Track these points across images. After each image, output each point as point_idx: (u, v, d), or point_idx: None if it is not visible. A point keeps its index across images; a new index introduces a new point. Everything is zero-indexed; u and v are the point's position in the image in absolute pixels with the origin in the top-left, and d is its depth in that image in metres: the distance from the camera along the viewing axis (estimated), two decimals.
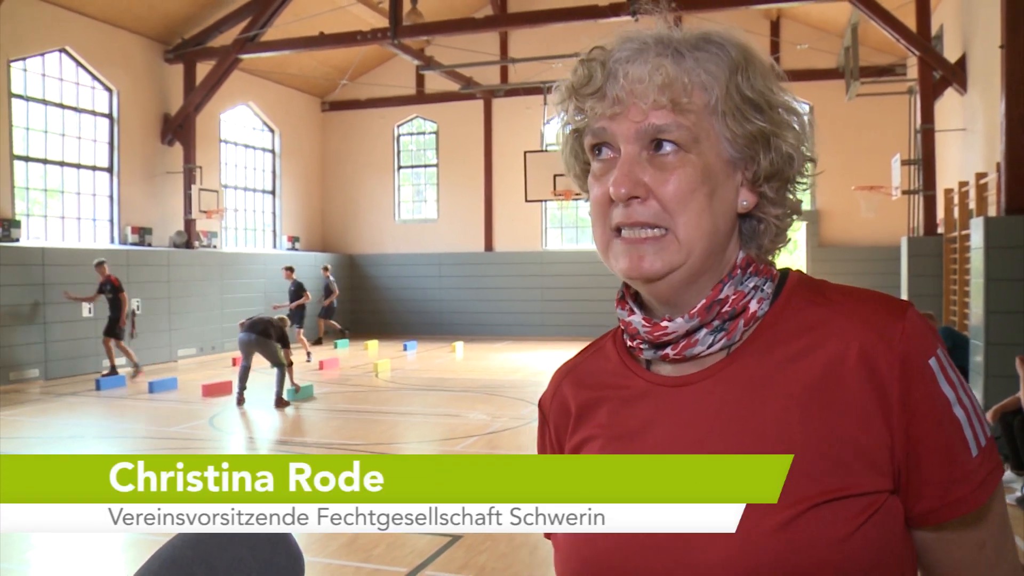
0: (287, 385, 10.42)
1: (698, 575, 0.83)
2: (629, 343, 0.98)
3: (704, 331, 0.92)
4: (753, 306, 0.92)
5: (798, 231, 17.76)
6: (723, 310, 0.91)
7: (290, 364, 10.37)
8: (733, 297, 0.92)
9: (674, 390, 0.94)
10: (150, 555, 0.79)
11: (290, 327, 11.06)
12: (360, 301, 21.39)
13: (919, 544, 0.90)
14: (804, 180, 0.94)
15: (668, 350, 0.93)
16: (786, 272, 0.98)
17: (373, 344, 17.60)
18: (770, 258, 0.97)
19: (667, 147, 0.88)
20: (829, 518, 0.82)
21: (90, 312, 13.54)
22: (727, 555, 0.82)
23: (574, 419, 1.01)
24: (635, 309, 0.96)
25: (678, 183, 0.87)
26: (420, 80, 20.41)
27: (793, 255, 18.51)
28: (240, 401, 10.31)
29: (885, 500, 0.85)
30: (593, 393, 1.01)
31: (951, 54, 12.81)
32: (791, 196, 0.95)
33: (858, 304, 0.91)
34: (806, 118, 0.93)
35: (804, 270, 1.00)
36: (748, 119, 0.89)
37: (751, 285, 0.93)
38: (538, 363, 14.90)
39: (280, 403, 10.15)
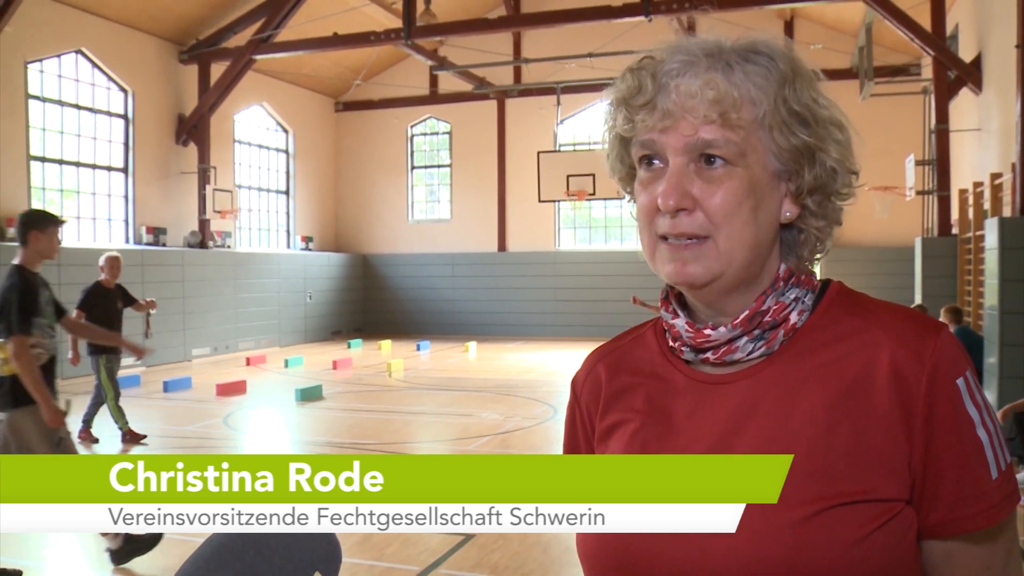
0: None
1: (710, 564, 0.85)
2: (671, 343, 1.00)
3: (745, 339, 0.94)
4: (793, 317, 0.95)
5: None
6: (764, 320, 0.94)
7: None
8: (775, 308, 0.94)
9: (713, 387, 0.96)
10: (198, 545, 0.83)
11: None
12: (373, 301, 21.45)
13: (927, 558, 0.91)
14: (846, 192, 0.96)
15: (709, 354, 0.96)
16: (826, 283, 1.00)
17: (386, 344, 17.65)
18: (809, 266, 0.99)
19: (716, 161, 0.89)
20: (844, 521, 0.84)
21: None
22: (739, 547, 0.84)
23: (606, 401, 1.04)
24: (679, 312, 0.99)
25: (724, 196, 0.89)
26: (433, 80, 20.42)
27: None
28: None
29: (901, 509, 0.86)
30: (631, 379, 1.03)
31: (966, 54, 12.72)
32: (833, 208, 0.96)
33: (894, 318, 0.93)
34: (850, 131, 0.95)
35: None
36: (794, 133, 0.90)
37: (792, 297, 0.95)
38: (551, 363, 14.89)
39: None
